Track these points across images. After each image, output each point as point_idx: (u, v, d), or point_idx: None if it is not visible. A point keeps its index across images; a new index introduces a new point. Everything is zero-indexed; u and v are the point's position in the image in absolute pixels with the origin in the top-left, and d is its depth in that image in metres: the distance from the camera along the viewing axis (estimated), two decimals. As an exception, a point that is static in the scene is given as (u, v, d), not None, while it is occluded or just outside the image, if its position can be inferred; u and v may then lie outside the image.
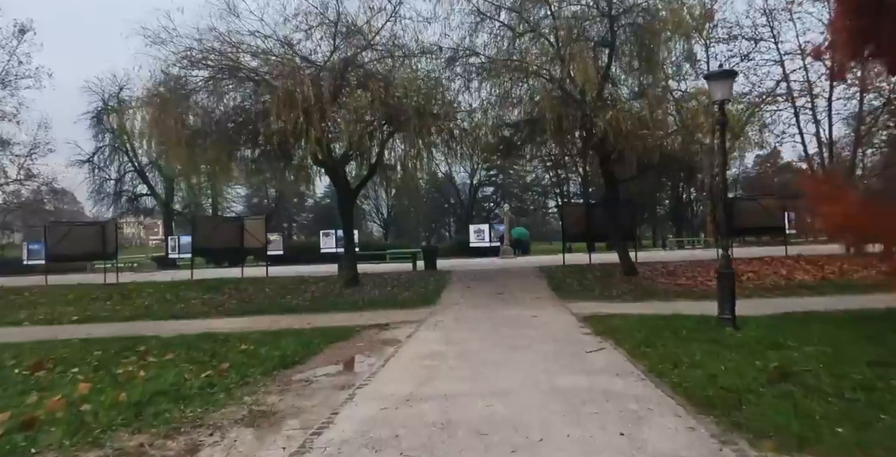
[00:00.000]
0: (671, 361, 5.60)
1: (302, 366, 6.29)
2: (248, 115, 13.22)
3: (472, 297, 12.23)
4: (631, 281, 13.56)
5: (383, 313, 10.63)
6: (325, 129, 11.29)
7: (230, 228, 17.63)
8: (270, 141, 13.37)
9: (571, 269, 15.70)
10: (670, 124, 13.02)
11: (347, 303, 12.16)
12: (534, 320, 8.87)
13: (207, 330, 9.42)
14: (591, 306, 10.55)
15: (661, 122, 12.78)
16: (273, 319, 10.52)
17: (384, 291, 13.38)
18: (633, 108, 12.05)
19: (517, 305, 10.80)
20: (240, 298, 13.56)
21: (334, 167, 13.58)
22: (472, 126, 15.46)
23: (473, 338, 7.48)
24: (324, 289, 14.11)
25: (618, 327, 7.78)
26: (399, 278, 15.18)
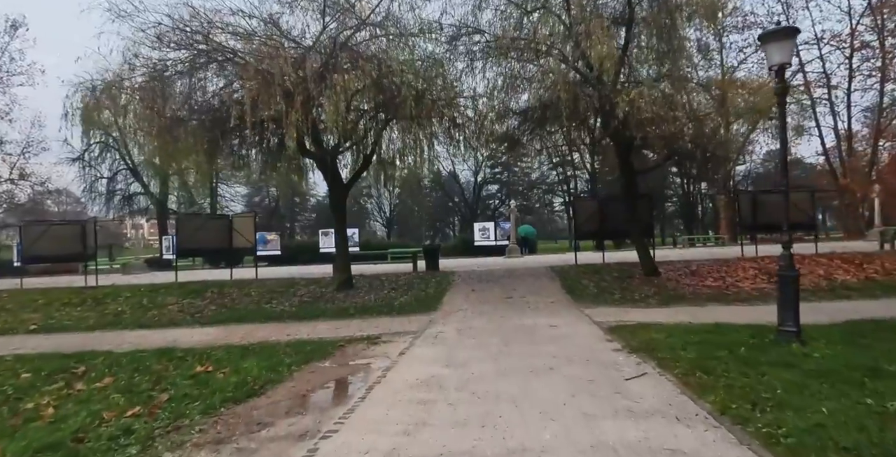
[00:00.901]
0: (745, 397, 4.13)
1: (259, 399, 4.84)
2: (229, 101, 11.78)
3: (477, 301, 10.78)
4: (653, 283, 12.06)
5: (376, 322, 9.19)
6: (309, 112, 9.84)
7: (217, 227, 16.22)
8: (253, 129, 12.02)
9: (585, 269, 14.21)
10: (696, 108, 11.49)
11: (337, 309, 10.72)
12: (552, 332, 7.39)
13: (170, 344, 8.01)
14: (613, 313, 9.09)
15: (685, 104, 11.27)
16: (250, 330, 9.10)
17: (380, 295, 11.94)
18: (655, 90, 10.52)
19: (530, 312, 9.34)
20: (221, 303, 12.15)
21: (324, 158, 12.13)
22: (476, 114, 14.01)
23: (480, 357, 6.02)
24: (314, 292, 12.68)
25: (655, 342, 6.31)
26: (397, 280, 13.74)
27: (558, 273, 13.89)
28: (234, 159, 14.30)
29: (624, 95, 9.92)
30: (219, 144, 12.55)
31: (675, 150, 12.93)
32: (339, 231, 12.78)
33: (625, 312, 9.14)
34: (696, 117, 11.28)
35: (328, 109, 9.62)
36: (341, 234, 12.80)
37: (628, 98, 9.85)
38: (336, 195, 12.70)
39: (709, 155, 12.69)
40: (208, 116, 11.94)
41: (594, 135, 13.68)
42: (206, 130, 12.33)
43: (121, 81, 11.46)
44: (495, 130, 14.10)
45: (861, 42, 28.10)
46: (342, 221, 12.82)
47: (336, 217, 12.85)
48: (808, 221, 16.37)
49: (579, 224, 15.80)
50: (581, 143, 14.41)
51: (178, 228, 15.92)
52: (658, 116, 10.22)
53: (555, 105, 11.92)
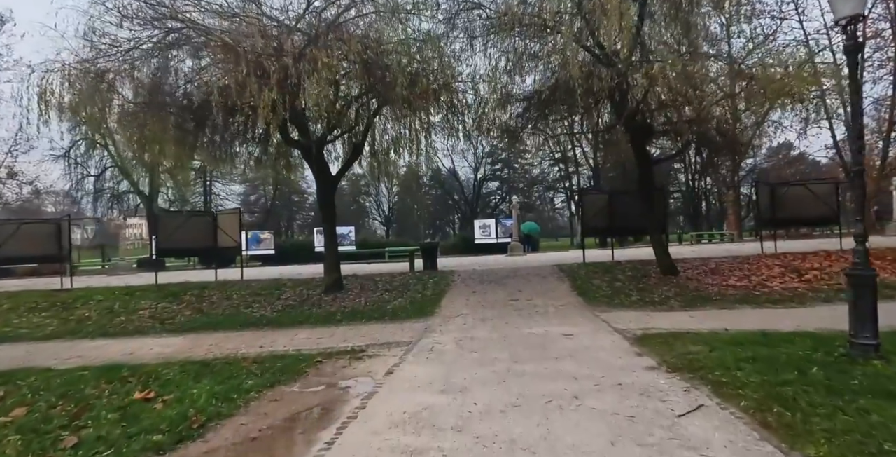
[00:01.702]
0: (860, 450, 2.91)
1: (193, 446, 3.62)
2: (202, 85, 10.58)
3: (479, 305, 9.57)
4: (672, 282, 10.85)
5: (364, 330, 7.98)
6: (288, 93, 8.61)
7: (200, 225, 14.99)
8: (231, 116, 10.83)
9: (595, 268, 13.00)
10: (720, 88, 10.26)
11: (323, 314, 9.52)
12: (568, 343, 6.18)
13: (124, 358, 6.82)
14: (634, 318, 7.89)
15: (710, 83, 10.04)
16: (220, 339, 7.90)
17: (371, 298, 10.73)
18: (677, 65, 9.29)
19: (539, 318, 8.13)
20: (197, 307, 10.94)
21: (309, 148, 10.91)
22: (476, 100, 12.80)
23: (485, 379, 4.81)
24: (300, 295, 11.48)
25: (698, 358, 5.10)
26: (392, 281, 12.53)
27: (566, 272, 12.68)
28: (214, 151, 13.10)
29: (643, 73, 8.68)
30: (196, 134, 11.36)
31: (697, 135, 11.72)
32: (328, 228, 11.57)
33: (647, 317, 7.93)
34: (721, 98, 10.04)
35: (310, 91, 8.37)
36: (330, 231, 11.58)
37: (648, 75, 8.62)
38: (324, 189, 11.48)
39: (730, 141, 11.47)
40: (181, 101, 10.73)
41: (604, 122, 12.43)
42: (180, 117, 11.15)
43: (82, 62, 10.23)
44: (497, 117, 12.93)
45: (875, 31, 26.80)
46: (331, 217, 11.60)
47: (324, 213, 11.64)
48: (833, 215, 15.14)
49: (587, 220, 14.58)
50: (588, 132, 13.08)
51: (158, 227, 14.70)
52: (681, 96, 9.00)
53: (564, 87, 10.75)
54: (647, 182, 11.31)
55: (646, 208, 11.41)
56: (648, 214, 11.41)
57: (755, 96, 10.00)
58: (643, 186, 11.32)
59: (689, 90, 9.46)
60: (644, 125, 10.94)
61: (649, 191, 11.36)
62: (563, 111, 12.61)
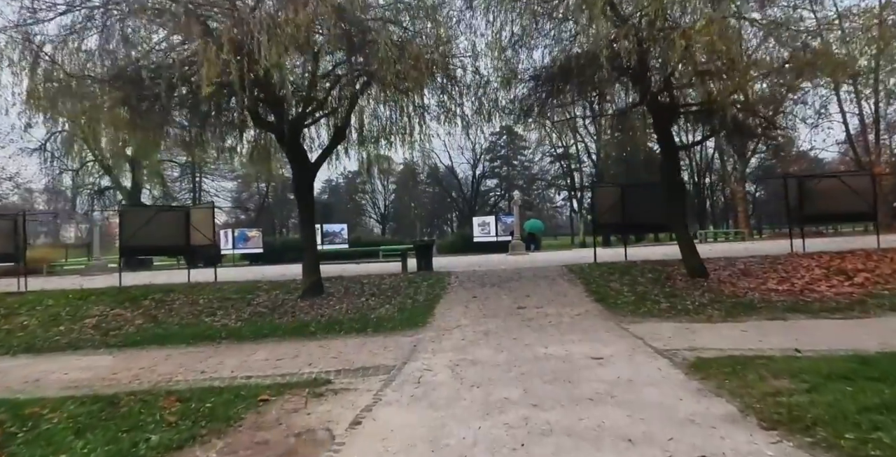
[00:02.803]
0: None
1: None
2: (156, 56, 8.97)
3: (480, 314, 7.97)
4: (703, 286, 9.26)
5: (338, 347, 6.38)
6: (245, 55, 6.96)
7: (169, 221, 13.34)
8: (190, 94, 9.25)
9: (609, 268, 11.39)
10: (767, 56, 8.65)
11: (294, 325, 7.91)
12: (601, 374, 4.58)
13: (20, 387, 5.24)
14: (672, 332, 6.31)
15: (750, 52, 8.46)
16: (160, 359, 6.30)
17: (354, 304, 9.11)
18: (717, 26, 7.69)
19: (554, 331, 6.53)
20: (153, 315, 9.32)
21: (281, 130, 9.29)
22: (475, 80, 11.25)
23: (494, 440, 3.20)
24: (274, 300, 9.86)
25: (799, 404, 3.49)
26: (381, 284, 10.91)
27: (577, 274, 11.08)
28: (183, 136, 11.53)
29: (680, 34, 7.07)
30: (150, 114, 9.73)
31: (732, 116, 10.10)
32: (305, 224, 9.94)
33: (688, 332, 6.34)
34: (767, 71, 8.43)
35: (269, 52, 6.71)
36: (307, 228, 9.95)
37: (685, 35, 7.01)
38: (300, 178, 9.82)
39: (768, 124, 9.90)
40: (132, 74, 9.11)
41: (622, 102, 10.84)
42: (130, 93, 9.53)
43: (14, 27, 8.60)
44: (501, 98, 11.36)
45: (894, 19, 25.25)
46: (308, 210, 9.96)
47: (300, 206, 10.01)
48: (870, 211, 13.57)
49: (601, 215, 12.98)
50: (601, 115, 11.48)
51: (121, 223, 13.05)
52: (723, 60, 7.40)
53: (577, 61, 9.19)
54: (672, 172, 9.73)
55: (670, 202, 9.81)
56: (673, 208, 9.81)
57: (805, 68, 8.41)
58: (667, 176, 9.73)
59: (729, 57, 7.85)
60: (670, 104, 9.36)
61: (674, 182, 9.76)
62: (574, 91, 11.01)
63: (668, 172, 9.65)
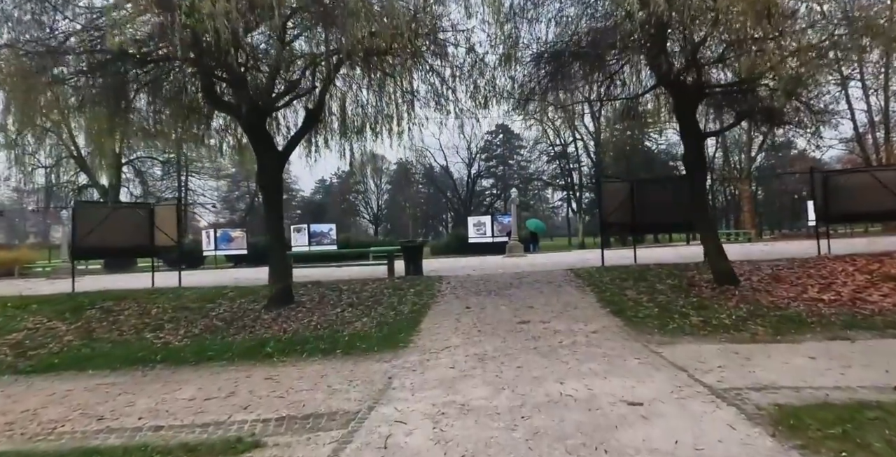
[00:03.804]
0: None
1: None
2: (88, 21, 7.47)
3: (474, 330, 6.50)
4: (735, 295, 7.81)
5: (291, 378, 4.91)
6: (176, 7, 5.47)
7: (130, 220, 11.83)
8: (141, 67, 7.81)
9: (620, 273, 9.95)
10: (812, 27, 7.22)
11: (249, 344, 6.42)
12: (648, 434, 3.12)
13: None
14: (719, 358, 4.89)
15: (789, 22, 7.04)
16: (57, 395, 4.81)
17: (327, 317, 7.63)
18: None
19: (569, 357, 5.08)
20: (91, 329, 7.82)
21: (241, 110, 7.81)
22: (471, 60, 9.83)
23: None
24: (235, 311, 8.37)
25: None
26: (362, 290, 9.43)
27: (585, 280, 9.63)
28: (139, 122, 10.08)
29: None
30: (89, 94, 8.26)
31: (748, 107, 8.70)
32: (272, 221, 8.43)
33: (739, 358, 4.90)
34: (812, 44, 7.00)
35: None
36: (274, 226, 8.44)
37: None
38: (266, 169, 8.29)
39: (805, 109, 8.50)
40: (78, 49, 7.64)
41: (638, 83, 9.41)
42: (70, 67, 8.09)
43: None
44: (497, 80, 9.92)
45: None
46: (276, 206, 8.44)
47: (265, 201, 8.50)
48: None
49: (608, 213, 11.54)
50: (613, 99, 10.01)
51: (74, 222, 11.52)
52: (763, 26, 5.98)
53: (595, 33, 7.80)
54: (696, 161, 8.27)
55: (694, 196, 8.37)
56: (697, 203, 8.37)
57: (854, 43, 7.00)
58: (692, 166, 8.27)
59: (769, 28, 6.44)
60: (696, 84, 7.94)
61: (698, 173, 8.32)
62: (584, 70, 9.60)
63: (692, 161, 8.20)
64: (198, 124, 10.32)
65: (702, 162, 8.31)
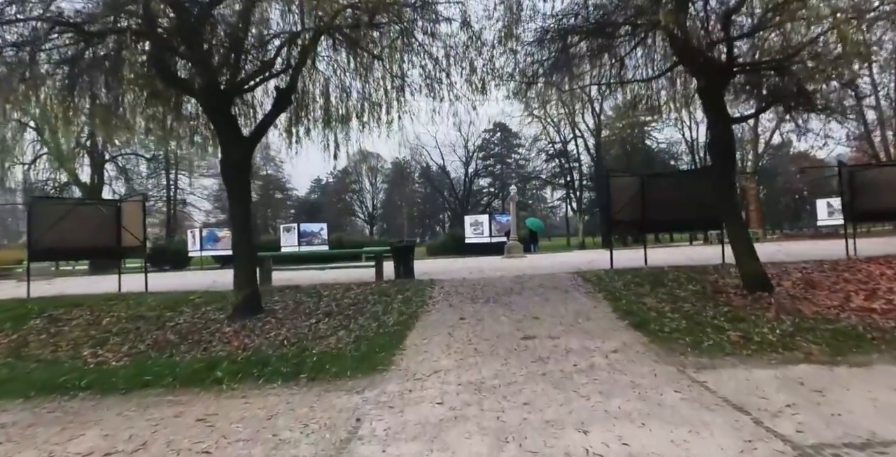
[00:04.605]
0: None
1: None
2: None
3: (469, 348, 5.36)
4: (770, 303, 6.69)
5: (229, 419, 3.76)
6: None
7: (94, 218, 10.66)
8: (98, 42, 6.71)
9: (634, 277, 8.81)
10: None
11: (198, 365, 5.26)
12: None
13: None
14: (780, 389, 3.80)
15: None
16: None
17: (298, 330, 6.48)
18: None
19: (589, 388, 3.95)
20: (22, 343, 6.68)
21: (193, 85, 6.67)
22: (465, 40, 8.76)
23: None
24: (196, 321, 7.22)
25: None
26: (344, 297, 8.29)
27: (595, 284, 8.49)
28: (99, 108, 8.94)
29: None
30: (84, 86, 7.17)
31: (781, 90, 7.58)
32: (237, 218, 7.25)
33: (809, 391, 3.79)
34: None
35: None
36: (240, 222, 7.25)
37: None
38: (231, 157, 7.11)
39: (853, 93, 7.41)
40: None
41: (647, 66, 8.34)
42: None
43: None
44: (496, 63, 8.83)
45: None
46: (242, 201, 7.25)
47: (230, 194, 7.32)
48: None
49: (617, 210, 10.42)
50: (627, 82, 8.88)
51: (30, 220, 10.34)
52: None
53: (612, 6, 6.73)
54: (726, 150, 7.14)
55: (722, 189, 7.24)
56: (725, 198, 7.23)
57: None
58: (720, 155, 7.13)
59: None
60: (726, 62, 6.83)
61: (727, 162, 7.18)
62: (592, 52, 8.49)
63: (721, 148, 7.06)
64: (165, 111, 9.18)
65: (731, 149, 7.18)
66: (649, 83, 9.54)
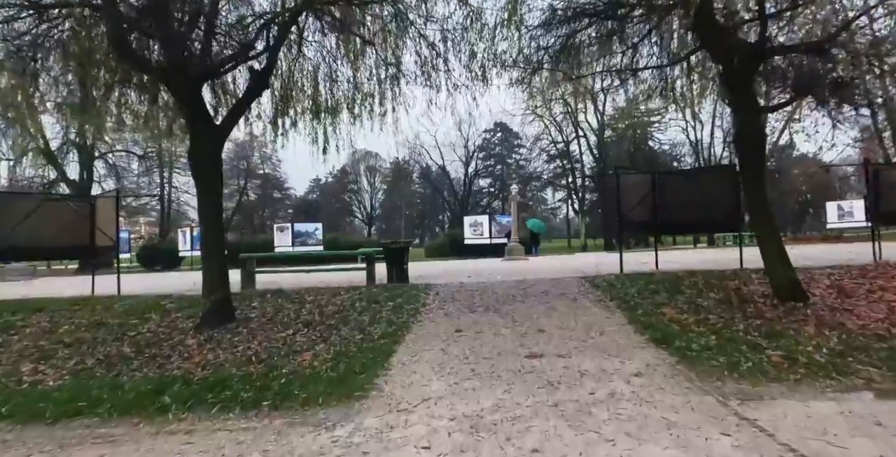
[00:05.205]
0: None
1: None
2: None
3: (466, 370, 4.54)
4: (807, 315, 5.87)
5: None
6: None
7: (65, 215, 9.84)
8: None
9: (648, 283, 7.97)
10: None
11: (145, 388, 4.43)
12: None
13: None
14: (854, 431, 2.95)
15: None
16: None
17: (271, 342, 5.66)
18: None
19: (611, 424, 3.12)
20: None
21: (149, 63, 5.85)
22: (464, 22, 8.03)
23: None
24: (161, 330, 6.41)
25: None
26: (329, 303, 7.46)
27: (606, 291, 7.66)
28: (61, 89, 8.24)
29: None
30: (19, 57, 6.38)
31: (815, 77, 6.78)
32: (207, 214, 6.42)
33: (891, 437, 2.96)
34: None
35: None
36: (210, 220, 6.43)
37: None
38: (199, 145, 6.27)
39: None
40: None
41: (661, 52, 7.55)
42: None
43: None
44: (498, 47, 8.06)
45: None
46: (212, 194, 6.42)
47: (199, 187, 6.46)
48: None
49: (628, 210, 9.60)
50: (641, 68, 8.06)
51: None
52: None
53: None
54: (756, 141, 6.32)
55: (752, 186, 6.42)
56: (755, 195, 6.41)
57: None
58: (751, 146, 6.31)
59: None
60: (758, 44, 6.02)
61: (757, 154, 6.37)
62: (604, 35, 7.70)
63: (751, 139, 6.23)
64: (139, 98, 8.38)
65: (762, 140, 6.35)
66: (663, 73, 8.76)
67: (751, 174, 6.39)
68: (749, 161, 6.30)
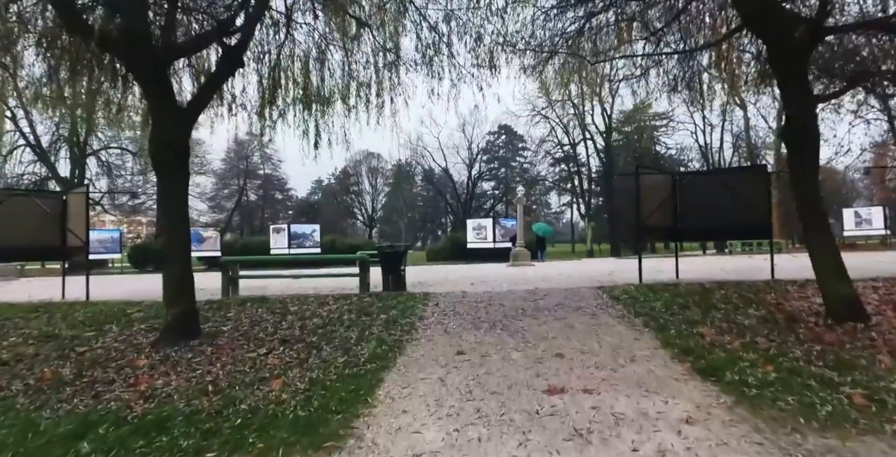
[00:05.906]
0: None
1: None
2: None
3: (469, 407, 3.60)
4: (876, 339, 4.92)
5: None
6: None
7: (31, 212, 8.94)
8: None
9: (673, 295, 7.03)
10: None
11: (69, 428, 3.50)
12: None
13: None
14: None
15: None
16: None
17: (238, 363, 4.73)
18: None
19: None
20: None
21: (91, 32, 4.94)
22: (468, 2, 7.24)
23: None
24: (116, 346, 5.48)
25: None
26: (314, 315, 6.54)
27: (628, 305, 6.70)
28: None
29: None
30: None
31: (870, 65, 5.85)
32: (170, 212, 5.49)
33: None
34: None
35: None
36: (173, 215, 5.47)
37: None
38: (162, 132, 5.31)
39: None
40: None
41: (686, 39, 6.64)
42: None
43: None
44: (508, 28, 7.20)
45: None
46: (176, 188, 5.46)
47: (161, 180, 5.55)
48: None
49: (647, 215, 8.65)
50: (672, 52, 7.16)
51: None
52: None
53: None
54: (811, 136, 5.37)
55: (803, 191, 5.47)
56: (808, 201, 5.45)
57: None
58: (805, 139, 5.37)
59: None
60: (815, 21, 5.09)
61: (810, 150, 5.42)
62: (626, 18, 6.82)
63: (805, 131, 5.30)
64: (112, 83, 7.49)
65: (816, 135, 5.40)
66: (688, 62, 7.86)
67: (802, 175, 5.43)
68: (802, 160, 5.34)
